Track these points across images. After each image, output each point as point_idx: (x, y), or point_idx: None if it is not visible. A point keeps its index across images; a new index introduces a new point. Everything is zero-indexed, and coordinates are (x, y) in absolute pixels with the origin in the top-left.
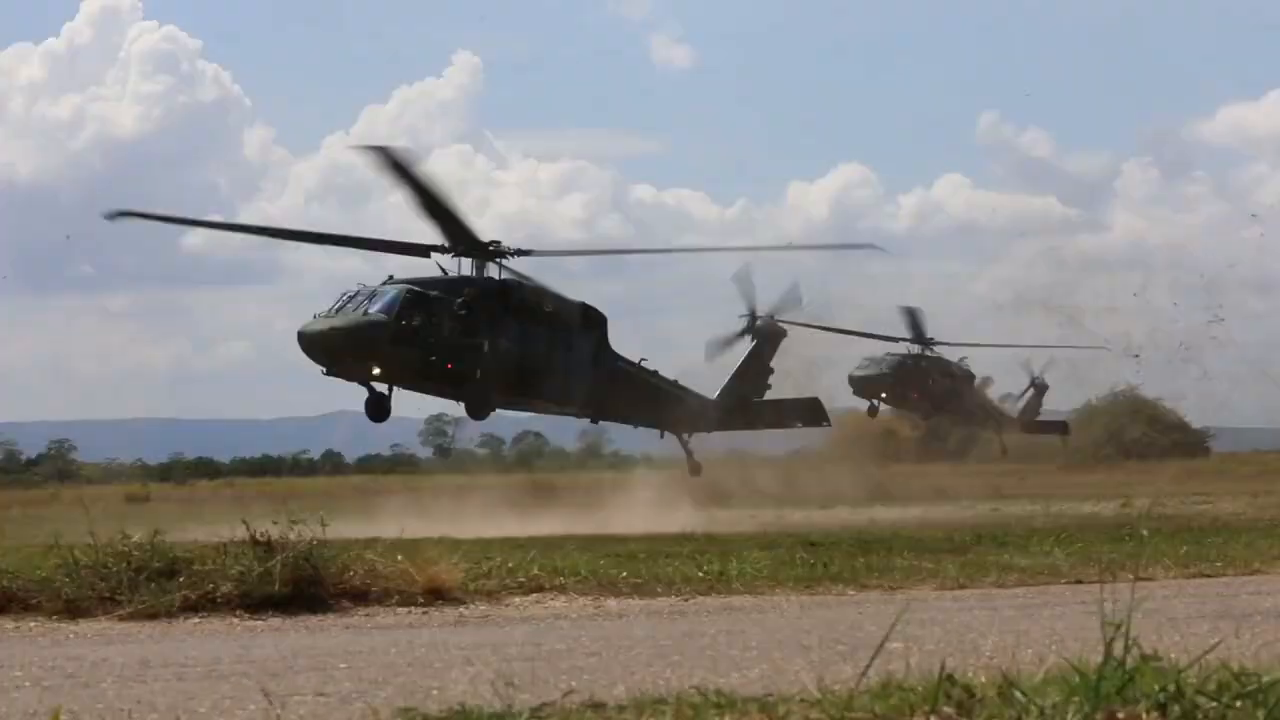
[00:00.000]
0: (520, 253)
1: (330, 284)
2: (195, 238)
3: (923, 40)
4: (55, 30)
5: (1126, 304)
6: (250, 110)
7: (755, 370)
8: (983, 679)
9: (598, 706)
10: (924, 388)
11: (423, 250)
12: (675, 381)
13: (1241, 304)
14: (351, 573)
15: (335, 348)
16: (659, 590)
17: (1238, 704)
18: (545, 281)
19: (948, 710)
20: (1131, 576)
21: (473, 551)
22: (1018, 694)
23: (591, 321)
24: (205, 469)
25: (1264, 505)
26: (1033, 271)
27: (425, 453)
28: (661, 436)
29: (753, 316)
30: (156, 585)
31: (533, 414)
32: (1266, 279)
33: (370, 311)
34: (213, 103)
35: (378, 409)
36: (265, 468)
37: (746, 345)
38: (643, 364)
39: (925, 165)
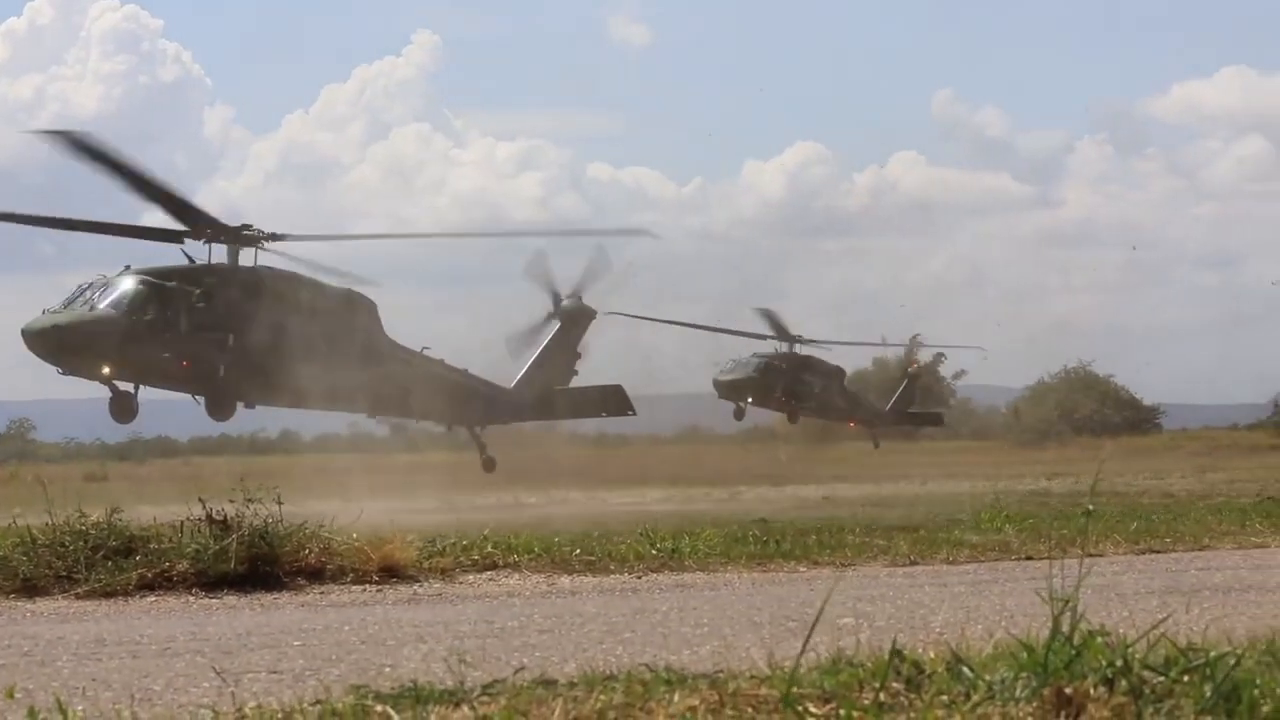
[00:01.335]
0: (274, 237)
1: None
2: (156, 215)
3: (878, 17)
4: (17, 10)
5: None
6: (211, 89)
7: (559, 356)
8: (932, 655)
9: (549, 683)
10: (791, 388)
11: (175, 237)
12: (465, 371)
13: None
14: (306, 551)
15: (59, 346)
16: (612, 567)
17: (1185, 678)
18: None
19: (897, 686)
20: (1081, 553)
21: (427, 529)
22: (966, 670)
23: (359, 310)
24: (163, 448)
25: (1213, 481)
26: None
27: (382, 431)
28: (449, 430)
29: (558, 298)
30: (113, 564)
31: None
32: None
33: (98, 306)
34: (173, 82)
35: (121, 409)
36: (223, 446)
37: (551, 328)
38: (425, 352)
39: (880, 143)
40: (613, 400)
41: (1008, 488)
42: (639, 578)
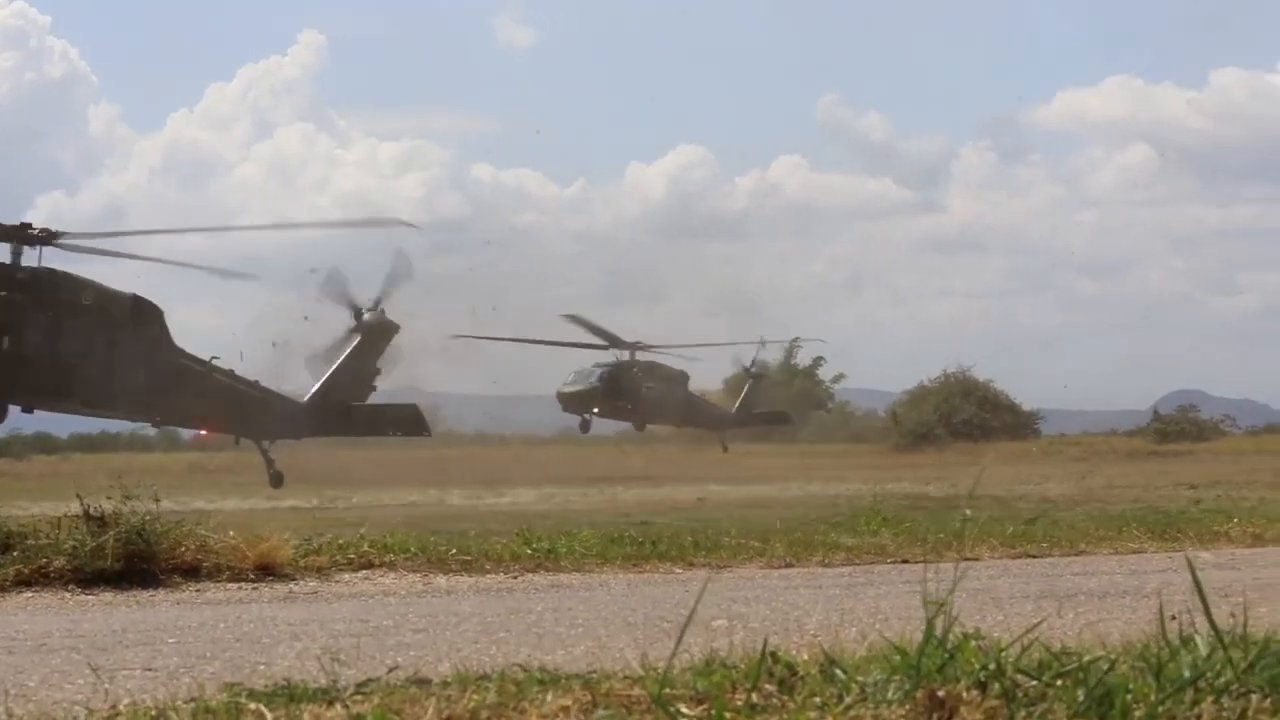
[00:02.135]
0: (49, 237)
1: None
2: (39, 211)
3: (763, 22)
4: None
5: None
6: (97, 87)
7: (356, 370)
8: (805, 656)
9: (422, 682)
10: (636, 396)
11: None
12: (255, 383)
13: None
14: (183, 548)
15: None
16: (488, 567)
17: (1058, 683)
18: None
19: (769, 687)
20: (957, 556)
21: (304, 528)
22: (839, 672)
23: (144, 316)
24: (42, 444)
25: (1090, 486)
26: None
27: None
28: (237, 443)
29: (359, 311)
30: None
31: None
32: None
33: None
34: (60, 79)
35: None
36: (102, 443)
37: (350, 341)
38: (214, 362)
39: (763, 147)
40: (407, 420)
41: (885, 490)
42: (515, 578)
